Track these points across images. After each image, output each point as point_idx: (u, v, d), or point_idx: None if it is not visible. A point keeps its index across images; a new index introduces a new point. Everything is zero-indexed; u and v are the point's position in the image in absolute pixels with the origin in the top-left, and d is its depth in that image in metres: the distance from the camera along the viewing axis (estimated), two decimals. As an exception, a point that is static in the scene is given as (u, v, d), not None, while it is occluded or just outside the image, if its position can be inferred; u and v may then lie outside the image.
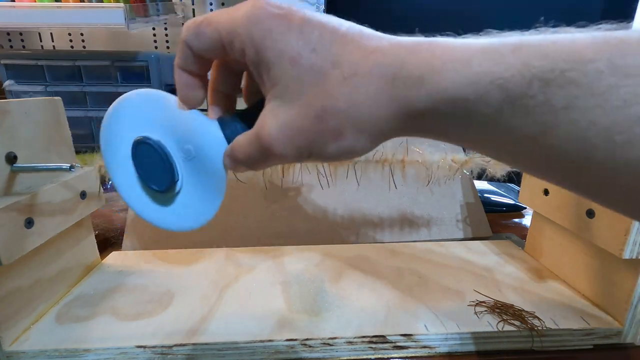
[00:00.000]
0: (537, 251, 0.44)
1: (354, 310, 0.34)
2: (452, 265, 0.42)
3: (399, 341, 0.31)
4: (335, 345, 0.30)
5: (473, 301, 0.35)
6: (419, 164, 0.42)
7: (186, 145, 0.23)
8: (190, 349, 0.29)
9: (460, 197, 0.53)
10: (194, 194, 0.24)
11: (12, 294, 0.30)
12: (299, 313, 0.33)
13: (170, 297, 0.36)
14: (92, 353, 0.29)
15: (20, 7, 0.75)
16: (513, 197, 0.64)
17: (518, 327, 0.32)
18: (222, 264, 0.42)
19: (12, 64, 0.82)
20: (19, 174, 0.31)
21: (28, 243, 0.30)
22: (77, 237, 0.38)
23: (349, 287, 0.38)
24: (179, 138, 0.23)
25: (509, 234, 0.53)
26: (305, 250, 0.46)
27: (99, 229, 0.52)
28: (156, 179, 0.23)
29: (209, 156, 0.22)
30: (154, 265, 0.42)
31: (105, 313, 0.33)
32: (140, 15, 0.79)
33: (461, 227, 0.51)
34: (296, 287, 0.37)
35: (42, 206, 0.31)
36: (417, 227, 0.51)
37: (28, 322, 0.31)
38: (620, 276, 0.32)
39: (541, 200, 0.40)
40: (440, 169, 0.42)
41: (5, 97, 0.79)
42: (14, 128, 0.31)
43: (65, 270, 0.36)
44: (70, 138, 0.38)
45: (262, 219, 0.50)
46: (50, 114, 0.35)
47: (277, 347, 0.30)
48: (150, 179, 0.23)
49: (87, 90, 0.82)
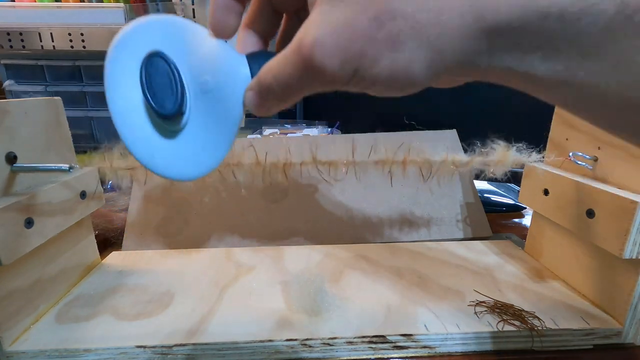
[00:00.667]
0: (537, 251, 0.44)
1: (354, 310, 0.34)
2: (452, 265, 0.42)
3: (399, 341, 0.31)
4: (335, 345, 0.30)
5: (473, 301, 0.35)
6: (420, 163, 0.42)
7: (204, 77, 0.20)
8: (190, 349, 0.29)
9: (460, 197, 0.53)
10: (200, 135, 0.21)
11: (12, 294, 0.30)
12: (299, 313, 0.33)
13: (170, 297, 0.36)
14: (92, 353, 0.29)
15: (20, 7, 0.75)
16: (513, 197, 0.64)
17: (518, 327, 0.32)
18: (222, 264, 0.42)
19: (12, 64, 0.82)
20: (19, 174, 0.31)
21: (28, 243, 0.30)
22: (77, 237, 0.38)
23: (349, 287, 0.38)
24: (197, 67, 0.20)
25: (509, 234, 0.53)
26: (305, 250, 0.46)
27: (99, 229, 0.52)
28: (161, 100, 0.20)
29: (229, 91, 0.20)
30: (154, 265, 0.42)
31: (105, 313, 0.33)
32: (140, 15, 0.79)
33: (461, 227, 0.51)
34: (296, 287, 0.37)
35: (42, 206, 0.31)
36: (417, 227, 0.51)
37: (28, 322, 0.31)
38: (620, 276, 0.32)
39: (541, 200, 0.40)
40: (441, 167, 0.42)
41: (5, 97, 0.79)
42: (14, 128, 0.31)
43: (65, 270, 0.36)
44: (70, 138, 0.38)
45: (262, 219, 0.50)
46: (50, 114, 0.35)
47: (277, 347, 0.30)
48: (155, 99, 0.20)
49: (87, 90, 0.82)
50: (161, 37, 0.21)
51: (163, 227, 0.48)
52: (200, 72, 0.20)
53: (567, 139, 0.39)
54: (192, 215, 0.49)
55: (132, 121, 0.21)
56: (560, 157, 0.39)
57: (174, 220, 0.49)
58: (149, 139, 0.21)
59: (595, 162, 0.36)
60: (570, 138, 0.39)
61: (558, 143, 0.41)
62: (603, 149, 0.35)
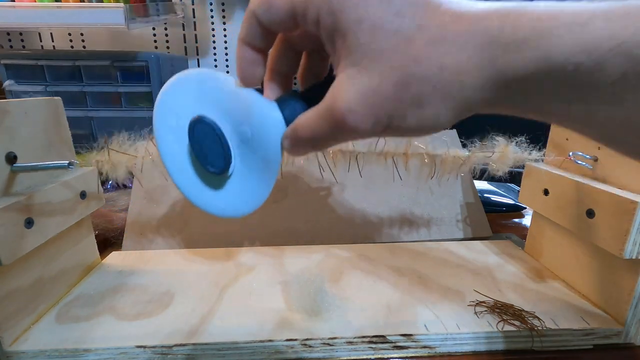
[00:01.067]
0: (537, 251, 0.44)
1: (354, 310, 0.34)
2: (452, 265, 0.42)
3: (399, 341, 0.31)
4: (335, 345, 0.30)
5: (473, 301, 0.35)
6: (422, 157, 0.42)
7: (242, 127, 0.22)
8: (190, 349, 0.29)
9: (460, 197, 0.53)
10: (246, 178, 0.23)
11: (12, 294, 0.30)
12: (299, 313, 0.33)
13: (170, 297, 0.36)
14: (92, 353, 0.29)
15: (20, 7, 0.75)
16: (513, 197, 0.64)
17: (518, 327, 0.32)
18: (222, 264, 0.42)
19: (12, 64, 0.82)
20: (19, 174, 0.31)
21: (28, 243, 0.30)
22: (77, 237, 0.38)
23: (349, 287, 0.38)
24: (235, 119, 0.22)
25: (509, 234, 0.53)
26: (305, 250, 0.46)
27: (99, 229, 0.52)
28: (211, 160, 0.22)
29: (266, 138, 0.22)
30: (154, 265, 0.42)
31: (105, 313, 0.33)
32: (140, 15, 0.79)
33: (461, 227, 0.51)
34: (296, 287, 0.37)
35: (42, 206, 0.31)
36: (417, 227, 0.51)
37: (28, 322, 0.31)
38: (620, 276, 0.32)
39: (541, 200, 0.40)
40: (443, 164, 0.42)
41: (5, 97, 0.79)
42: (14, 128, 0.31)
43: (65, 270, 0.36)
44: (70, 138, 0.38)
45: (262, 219, 0.50)
46: (50, 114, 0.35)
47: (277, 347, 0.30)
48: (206, 160, 0.22)
49: (87, 90, 0.82)
50: (198, 94, 0.23)
51: (163, 227, 0.48)
52: (239, 122, 0.22)
53: (567, 139, 0.39)
54: (192, 215, 0.49)
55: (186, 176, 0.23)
56: (560, 157, 0.39)
57: (174, 220, 0.49)
58: (201, 188, 0.23)
59: (595, 162, 0.36)
60: (570, 138, 0.39)
61: (558, 143, 0.41)
62: (603, 149, 0.35)
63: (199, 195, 0.23)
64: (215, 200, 0.23)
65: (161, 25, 0.99)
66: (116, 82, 0.82)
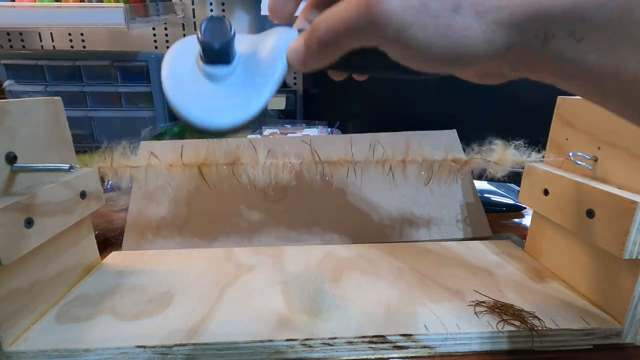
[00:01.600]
0: (537, 251, 0.44)
1: (354, 310, 0.34)
2: (452, 265, 0.42)
3: (399, 341, 0.31)
4: (335, 345, 0.30)
5: (473, 301, 0.35)
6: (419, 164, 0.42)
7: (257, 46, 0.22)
8: (190, 349, 0.29)
9: (460, 197, 0.53)
10: (241, 86, 0.23)
11: (12, 294, 0.30)
12: (298, 313, 0.33)
13: (170, 297, 0.36)
14: (92, 353, 0.29)
15: (20, 7, 0.75)
16: (513, 197, 0.64)
17: (518, 327, 0.32)
18: (222, 264, 0.42)
19: (12, 64, 0.82)
20: (19, 174, 0.31)
21: (28, 243, 0.30)
22: (77, 237, 0.38)
23: (349, 287, 0.38)
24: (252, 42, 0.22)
25: (509, 234, 0.53)
26: (305, 250, 0.46)
27: (99, 229, 0.52)
28: (211, 38, 0.22)
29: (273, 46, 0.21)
30: (153, 265, 0.42)
31: (105, 313, 0.33)
32: (140, 15, 0.79)
33: (461, 227, 0.51)
34: (296, 287, 0.37)
35: (42, 206, 0.31)
36: (417, 227, 0.51)
37: (28, 322, 0.31)
38: (620, 276, 0.32)
39: (541, 200, 0.40)
40: (441, 167, 0.42)
41: (5, 97, 0.79)
42: (14, 128, 0.31)
43: (65, 270, 0.36)
44: (70, 138, 0.38)
45: (262, 219, 0.50)
46: (50, 114, 0.35)
47: (277, 347, 0.30)
48: (206, 37, 0.22)
49: (87, 90, 0.82)
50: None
51: (163, 227, 0.48)
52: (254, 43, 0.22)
53: (567, 139, 0.39)
54: (192, 215, 0.49)
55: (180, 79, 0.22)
56: (560, 157, 0.39)
57: (174, 220, 0.49)
58: (191, 91, 0.22)
59: (595, 162, 0.36)
60: (570, 138, 0.39)
61: (558, 143, 0.41)
62: (603, 149, 0.35)
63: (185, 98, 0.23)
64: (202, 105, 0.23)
65: (161, 25, 0.99)
66: (116, 82, 0.82)
